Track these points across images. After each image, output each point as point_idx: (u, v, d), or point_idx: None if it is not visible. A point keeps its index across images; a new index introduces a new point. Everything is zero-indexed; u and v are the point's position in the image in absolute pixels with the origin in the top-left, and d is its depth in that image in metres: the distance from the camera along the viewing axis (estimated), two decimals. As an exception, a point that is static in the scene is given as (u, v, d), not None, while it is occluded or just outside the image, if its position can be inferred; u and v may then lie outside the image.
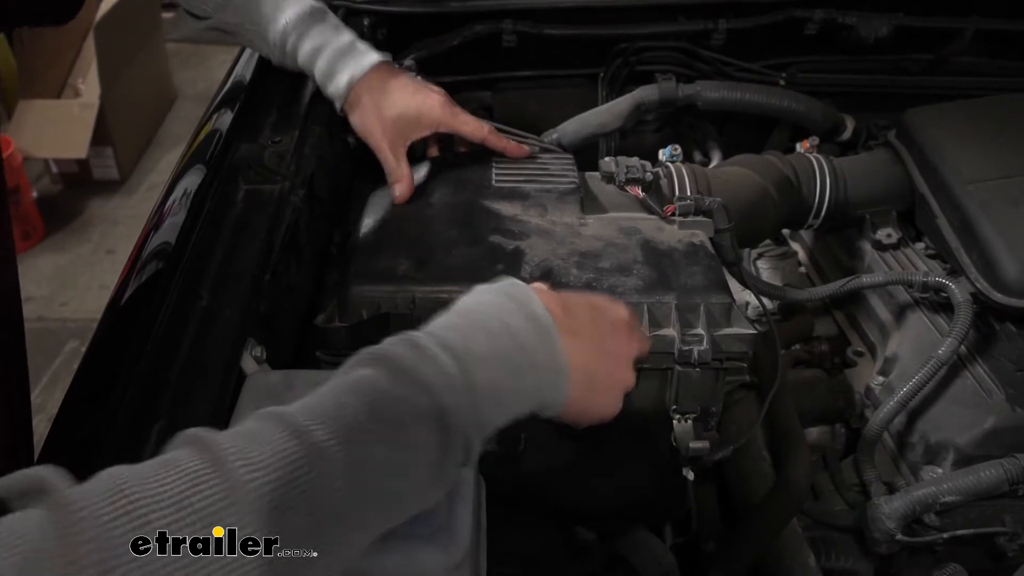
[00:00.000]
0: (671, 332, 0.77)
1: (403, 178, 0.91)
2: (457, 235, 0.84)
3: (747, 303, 1.18)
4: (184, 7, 0.95)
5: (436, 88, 0.96)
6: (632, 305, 0.78)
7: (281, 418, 0.47)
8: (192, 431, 0.46)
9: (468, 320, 0.58)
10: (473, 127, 0.95)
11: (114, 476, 0.41)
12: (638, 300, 0.78)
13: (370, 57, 0.92)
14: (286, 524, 0.43)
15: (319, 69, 0.92)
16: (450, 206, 0.89)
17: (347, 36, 0.93)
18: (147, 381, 0.65)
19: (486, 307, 0.59)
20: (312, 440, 0.45)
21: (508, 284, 0.62)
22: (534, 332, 0.58)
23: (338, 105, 0.93)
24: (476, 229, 0.85)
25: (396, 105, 0.92)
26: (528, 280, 0.77)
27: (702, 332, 0.77)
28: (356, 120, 0.93)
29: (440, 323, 0.57)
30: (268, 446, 0.44)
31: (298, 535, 0.43)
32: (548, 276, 0.79)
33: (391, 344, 0.54)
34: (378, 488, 0.48)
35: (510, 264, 0.80)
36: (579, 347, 0.60)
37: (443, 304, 0.76)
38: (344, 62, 0.91)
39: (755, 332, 0.79)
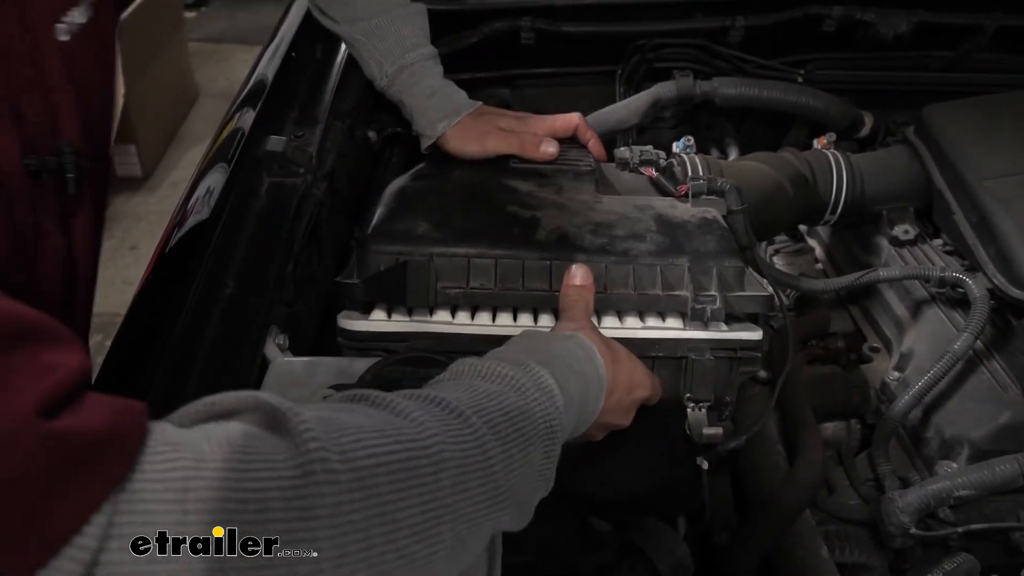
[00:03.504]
0: (684, 293, 0.78)
1: (535, 139, 0.93)
2: (474, 204, 0.86)
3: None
4: (321, 7, 0.99)
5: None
6: (645, 267, 0.79)
7: (431, 399, 0.49)
8: (350, 391, 0.49)
9: (558, 359, 0.60)
10: (563, 119, 0.97)
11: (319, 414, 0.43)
12: (651, 262, 0.79)
13: (469, 102, 0.96)
14: (468, 490, 0.46)
15: (431, 107, 0.95)
16: (468, 182, 0.90)
17: (453, 84, 0.99)
18: (175, 364, 0.67)
19: (568, 351, 0.62)
20: (471, 423, 0.48)
21: (574, 335, 0.65)
22: (596, 382, 0.62)
23: (431, 140, 0.96)
24: (493, 200, 0.86)
25: (492, 119, 0.96)
26: (543, 243, 0.79)
27: (715, 293, 0.78)
28: (457, 145, 0.94)
29: (530, 354, 0.60)
30: (432, 417, 0.47)
31: (475, 504, 0.46)
32: (563, 241, 0.80)
33: (501, 365, 0.57)
34: (515, 485, 0.50)
35: (526, 229, 0.81)
36: (609, 399, 0.64)
37: (459, 262, 0.78)
38: (453, 103, 0.95)
39: (769, 294, 0.79)
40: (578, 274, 0.74)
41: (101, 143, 0.72)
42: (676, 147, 1.07)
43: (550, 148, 0.92)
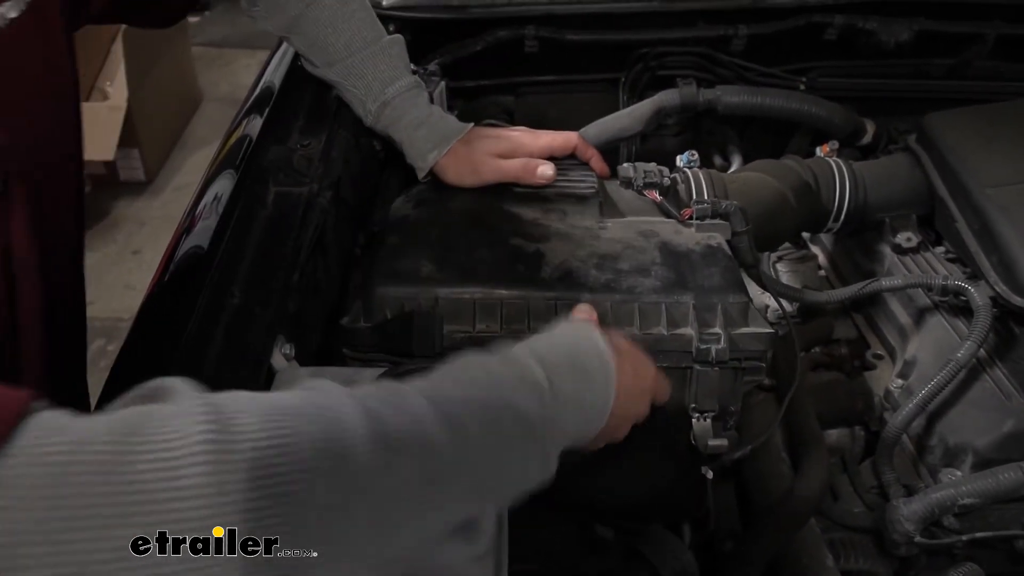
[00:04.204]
0: (689, 331, 0.79)
1: (532, 165, 0.92)
2: (478, 238, 0.86)
3: (766, 306, 1.19)
4: (301, 53, 0.99)
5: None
6: (650, 305, 0.79)
7: (383, 385, 0.50)
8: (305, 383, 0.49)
9: (555, 351, 0.60)
10: (562, 139, 0.97)
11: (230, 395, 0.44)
12: (656, 300, 0.80)
13: (458, 127, 0.95)
14: (398, 465, 0.45)
15: (419, 138, 0.94)
16: (471, 211, 0.90)
17: (439, 111, 0.97)
18: (181, 373, 0.67)
19: (567, 342, 0.62)
20: (414, 405, 0.48)
21: (581, 325, 0.65)
22: (601, 372, 0.62)
23: (424, 171, 0.95)
24: (497, 232, 0.86)
25: (487, 145, 0.94)
26: (548, 280, 0.79)
27: (719, 331, 0.79)
28: (454, 177, 0.94)
29: (533, 348, 0.60)
30: (360, 399, 0.47)
31: (408, 482, 0.46)
32: (568, 277, 0.81)
33: (488, 358, 0.57)
34: (478, 472, 0.50)
35: (531, 265, 0.82)
36: (620, 384, 0.63)
37: (465, 304, 0.78)
38: (441, 131, 0.94)
39: (772, 331, 0.80)
40: (583, 312, 0.75)
41: (43, 142, 0.70)
42: (680, 161, 1.08)
43: (548, 171, 0.91)
